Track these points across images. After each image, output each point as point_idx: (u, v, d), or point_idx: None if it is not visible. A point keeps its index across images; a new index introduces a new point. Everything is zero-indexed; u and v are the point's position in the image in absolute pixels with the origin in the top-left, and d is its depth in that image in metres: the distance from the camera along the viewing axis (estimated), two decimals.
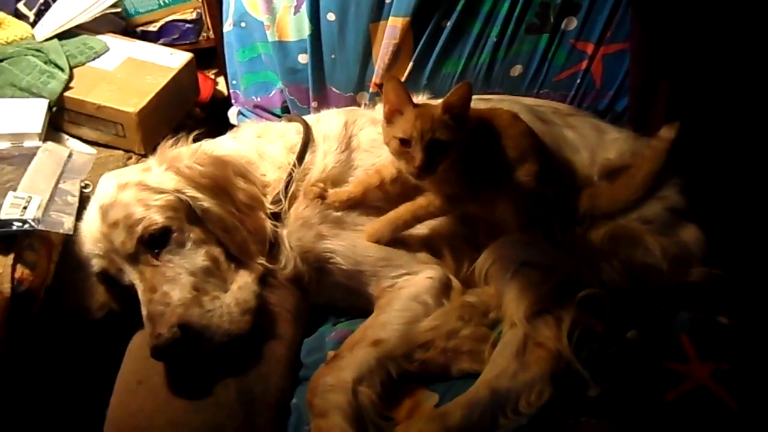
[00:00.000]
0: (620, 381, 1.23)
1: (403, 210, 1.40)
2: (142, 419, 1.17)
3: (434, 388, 1.29)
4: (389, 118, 1.26)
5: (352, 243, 1.42)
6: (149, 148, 1.81)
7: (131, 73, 1.83)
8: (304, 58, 1.77)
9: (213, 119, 2.06)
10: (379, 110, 1.60)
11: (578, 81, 1.71)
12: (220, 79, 2.28)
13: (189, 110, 2.01)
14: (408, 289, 1.39)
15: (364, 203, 1.43)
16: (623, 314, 1.33)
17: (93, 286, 1.41)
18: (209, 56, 2.15)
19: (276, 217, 1.44)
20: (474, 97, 1.64)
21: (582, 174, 1.51)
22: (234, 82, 1.91)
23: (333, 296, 1.49)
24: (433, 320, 1.34)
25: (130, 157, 1.82)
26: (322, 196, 1.42)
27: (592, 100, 1.72)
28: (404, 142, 1.22)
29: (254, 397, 1.24)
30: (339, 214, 1.44)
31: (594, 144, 1.54)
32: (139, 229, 1.26)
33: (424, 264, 1.43)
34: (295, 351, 1.40)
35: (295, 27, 1.75)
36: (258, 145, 1.52)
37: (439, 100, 1.60)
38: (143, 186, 1.32)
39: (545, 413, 1.19)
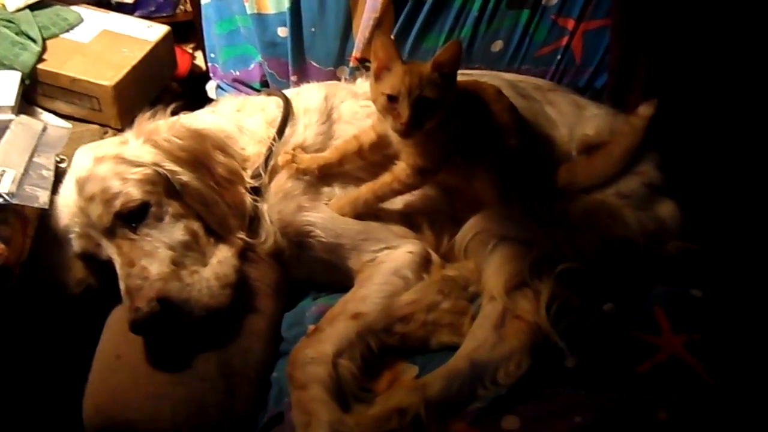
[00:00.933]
0: (596, 352, 1.25)
1: (365, 189, 1.40)
2: (121, 393, 1.16)
3: (414, 361, 1.30)
4: (378, 75, 1.24)
5: (332, 215, 1.42)
6: (126, 122, 1.78)
7: (107, 45, 1.79)
8: (283, 32, 1.75)
9: (191, 94, 2.03)
10: (360, 84, 1.61)
11: (558, 57, 1.71)
12: (198, 54, 2.25)
13: (166, 85, 1.98)
14: (388, 264, 1.40)
15: (342, 171, 1.42)
16: (600, 287, 1.35)
17: (70, 261, 1.40)
18: (186, 30, 2.11)
19: (256, 191, 1.43)
20: None
21: (561, 149, 1.52)
22: (212, 55, 1.88)
23: (313, 271, 1.49)
24: (413, 294, 1.35)
25: (106, 132, 1.79)
26: (293, 161, 1.41)
27: (572, 77, 1.73)
28: (392, 99, 1.20)
29: (235, 370, 1.24)
30: (319, 186, 1.43)
31: (573, 120, 1.55)
32: (117, 203, 1.25)
33: (404, 238, 1.44)
34: (275, 325, 1.40)
35: None
36: (237, 119, 1.51)
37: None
38: (120, 159, 1.30)
39: (523, 384, 1.21)
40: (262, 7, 1.74)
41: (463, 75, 1.58)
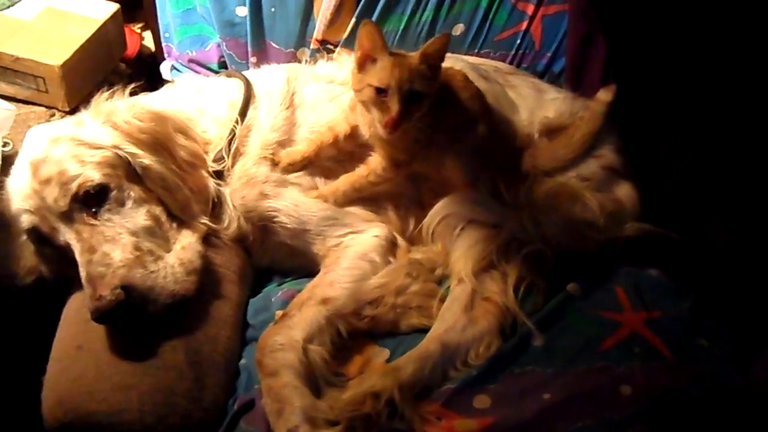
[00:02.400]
0: (562, 331, 1.29)
1: (343, 181, 1.39)
2: (85, 385, 1.12)
3: (384, 344, 1.30)
4: (361, 64, 1.22)
5: (295, 201, 1.40)
6: (73, 104, 1.71)
7: (51, 23, 1.71)
8: (242, 11, 1.71)
9: (140, 75, 1.96)
10: (321, 66, 1.59)
11: (518, 41, 1.72)
12: (147, 34, 2.17)
13: (115, 66, 1.91)
14: (354, 248, 1.39)
15: (316, 162, 1.41)
16: (564, 268, 1.38)
17: (19, 249, 1.34)
18: (133, 8, 2.03)
19: (218, 175, 1.40)
20: None
21: (522, 133, 1.53)
22: (167, 34, 1.82)
23: (277, 257, 1.47)
24: (381, 277, 1.35)
25: (53, 114, 1.71)
26: (273, 162, 1.39)
27: (531, 61, 1.74)
28: (381, 91, 1.18)
29: (203, 358, 1.21)
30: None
31: (534, 103, 1.57)
32: (74, 186, 1.20)
33: (369, 222, 1.43)
34: (241, 311, 1.38)
35: None
36: (198, 101, 1.47)
37: None
38: (78, 141, 1.24)
39: (493, 363, 1.23)
40: None
41: None
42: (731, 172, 1.45)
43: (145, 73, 2.03)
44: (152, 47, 2.15)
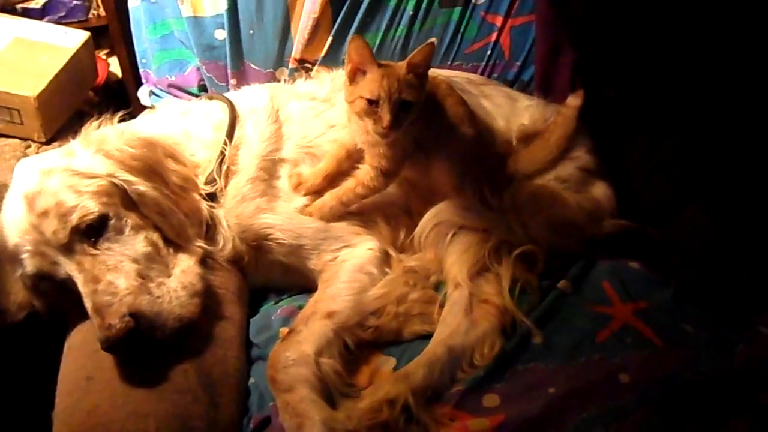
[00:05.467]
0: (559, 327, 1.34)
1: (329, 197, 1.41)
2: (100, 416, 1.11)
3: (390, 352, 1.33)
4: (352, 77, 1.26)
5: (290, 216, 1.42)
6: (49, 135, 1.69)
7: (22, 54, 1.70)
8: (221, 34, 1.72)
9: (107, 103, 1.94)
10: (300, 85, 1.62)
11: (489, 52, 1.78)
12: (113, 60, 2.16)
13: (86, 94, 1.89)
14: (351, 261, 1.41)
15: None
16: (553, 267, 1.44)
17: (9, 285, 1.31)
18: (98, 36, 2.02)
19: (211, 197, 1.40)
20: None
21: (501, 139, 1.59)
22: (144, 60, 1.81)
23: (271, 275, 1.48)
24: (380, 288, 1.38)
25: (29, 146, 1.69)
26: (299, 184, 1.41)
27: (501, 70, 1.81)
28: (372, 102, 1.22)
29: (214, 380, 1.22)
30: (275, 186, 1.43)
31: (508, 111, 1.63)
32: (74, 218, 1.19)
33: (360, 236, 1.45)
34: (244, 331, 1.38)
35: (211, 1, 1.69)
36: (183, 125, 1.47)
37: None
38: (72, 171, 1.23)
39: (498, 363, 1.27)
40: (198, 9, 1.70)
41: None
42: (700, 164, 1.53)
43: (115, 101, 2.02)
44: (119, 73, 2.14)
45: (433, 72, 1.62)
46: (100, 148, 1.28)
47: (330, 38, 1.72)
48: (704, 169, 1.53)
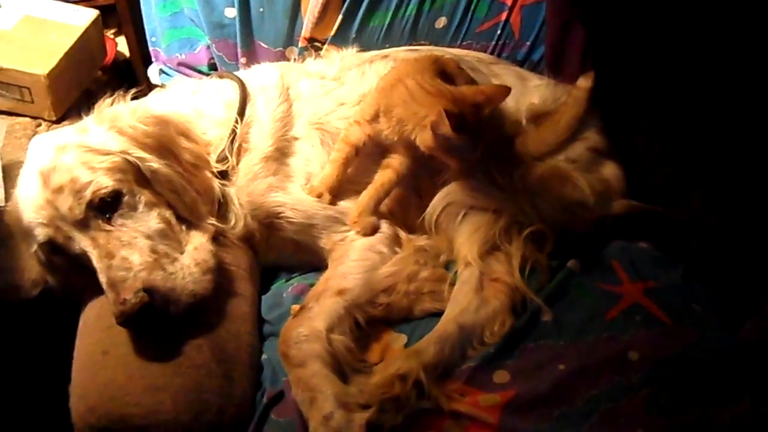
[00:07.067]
0: (568, 305, 1.35)
1: (373, 191, 1.41)
2: (116, 389, 1.12)
3: (400, 329, 1.34)
4: None
5: (301, 195, 1.42)
6: (59, 113, 1.69)
7: (32, 32, 1.69)
8: (231, 12, 1.71)
9: (118, 82, 1.94)
10: (310, 64, 1.61)
11: (498, 32, 1.77)
12: (120, 39, 2.15)
13: (96, 73, 1.89)
14: (360, 241, 1.42)
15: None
16: (563, 246, 1.45)
17: (24, 261, 1.32)
18: (105, 15, 2.01)
19: (223, 175, 1.41)
20: (402, 48, 1.71)
21: (511, 120, 1.59)
22: (153, 39, 1.80)
23: (282, 253, 1.49)
24: (391, 266, 1.38)
25: (40, 124, 1.69)
26: (320, 195, 1.42)
27: (511, 50, 1.79)
28: None
29: (228, 354, 1.23)
30: (287, 165, 1.44)
31: (518, 91, 1.62)
32: (88, 193, 1.19)
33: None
34: (256, 308, 1.40)
35: None
36: (194, 103, 1.47)
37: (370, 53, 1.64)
38: (86, 147, 1.24)
39: (508, 340, 1.29)
40: None
41: (410, 51, 1.65)
42: (708, 144, 1.53)
43: (123, 79, 2.02)
44: (127, 53, 2.14)
45: (442, 51, 1.64)
46: (114, 125, 1.28)
47: (340, 17, 1.71)
48: (714, 150, 1.52)
